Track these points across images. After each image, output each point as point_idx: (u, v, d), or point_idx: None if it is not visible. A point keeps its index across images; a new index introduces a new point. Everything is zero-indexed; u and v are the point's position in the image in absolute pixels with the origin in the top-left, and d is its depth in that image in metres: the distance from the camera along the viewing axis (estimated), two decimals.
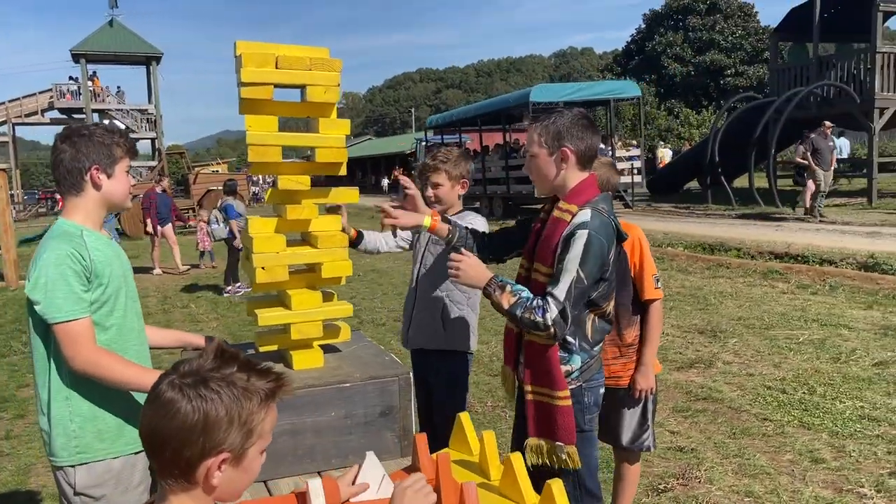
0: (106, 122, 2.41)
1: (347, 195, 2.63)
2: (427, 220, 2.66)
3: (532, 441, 2.39)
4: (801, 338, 6.38)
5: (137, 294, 2.43)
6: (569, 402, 2.32)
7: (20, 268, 13.03)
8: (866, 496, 3.54)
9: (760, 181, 18.25)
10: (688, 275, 9.84)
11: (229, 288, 10.63)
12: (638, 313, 3.05)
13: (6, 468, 4.45)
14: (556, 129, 2.37)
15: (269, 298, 2.72)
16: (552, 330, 2.22)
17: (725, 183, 18.03)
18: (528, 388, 2.40)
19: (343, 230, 2.61)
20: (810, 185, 14.15)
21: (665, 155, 29.47)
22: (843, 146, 23.68)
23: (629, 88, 20.10)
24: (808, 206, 14.29)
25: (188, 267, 13.45)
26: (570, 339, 2.36)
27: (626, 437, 3.14)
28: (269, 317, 2.45)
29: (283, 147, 2.41)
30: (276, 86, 2.37)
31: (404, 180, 2.85)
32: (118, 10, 39.00)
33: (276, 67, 2.33)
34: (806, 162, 13.90)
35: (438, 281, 3.18)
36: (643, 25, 52.98)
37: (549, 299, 2.22)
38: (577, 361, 2.37)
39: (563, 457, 2.32)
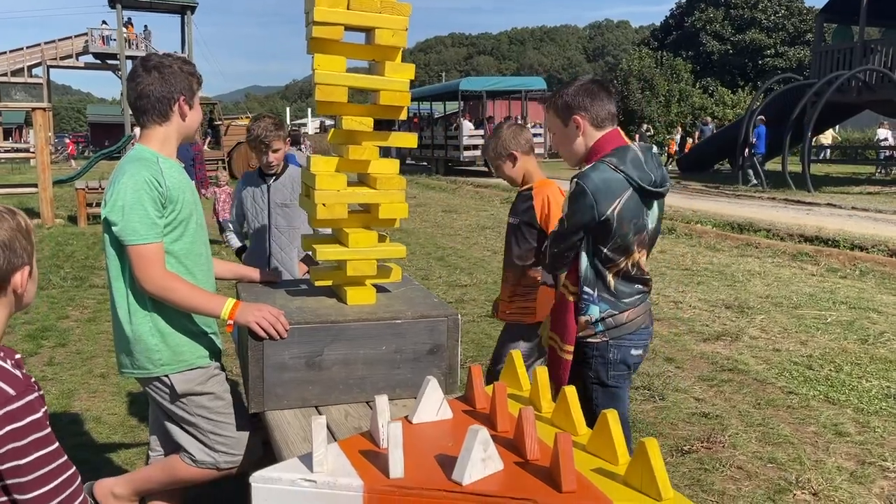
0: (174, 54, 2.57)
1: (407, 139, 2.69)
2: None
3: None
4: (828, 318, 6.39)
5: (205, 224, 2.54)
6: (570, 357, 2.43)
7: (54, 207, 13.31)
8: (889, 469, 3.60)
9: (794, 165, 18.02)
10: (716, 252, 9.83)
11: None
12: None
13: (50, 392, 4.63)
14: (563, 101, 2.47)
15: (323, 237, 2.81)
16: (546, 261, 2.56)
17: (758, 164, 17.83)
18: (549, 333, 2.53)
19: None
20: None
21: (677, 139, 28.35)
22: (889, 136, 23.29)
23: (536, 83, 26.24)
24: None
25: None
26: (587, 289, 2.41)
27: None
28: (327, 252, 2.54)
29: None
30: (345, 27, 2.43)
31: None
32: None
33: (348, 8, 2.39)
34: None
35: (294, 231, 3.93)
36: (683, 0, 51.96)
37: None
38: (594, 311, 2.41)
39: None
